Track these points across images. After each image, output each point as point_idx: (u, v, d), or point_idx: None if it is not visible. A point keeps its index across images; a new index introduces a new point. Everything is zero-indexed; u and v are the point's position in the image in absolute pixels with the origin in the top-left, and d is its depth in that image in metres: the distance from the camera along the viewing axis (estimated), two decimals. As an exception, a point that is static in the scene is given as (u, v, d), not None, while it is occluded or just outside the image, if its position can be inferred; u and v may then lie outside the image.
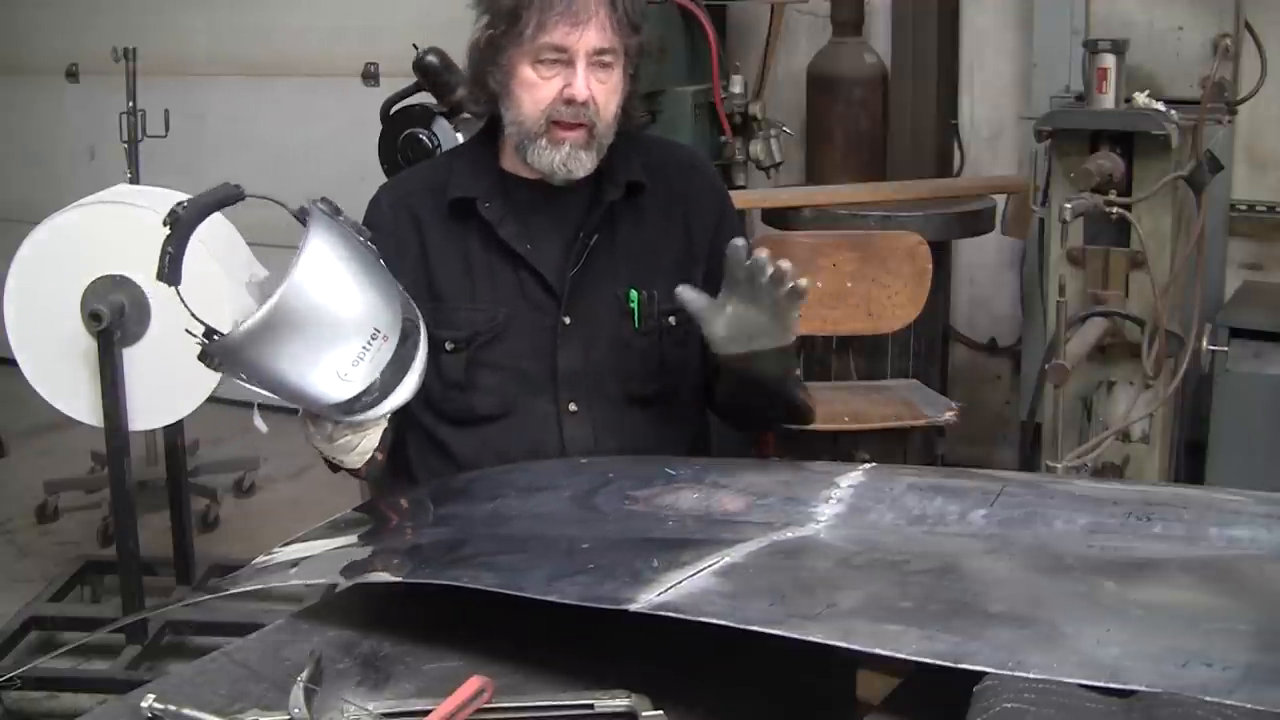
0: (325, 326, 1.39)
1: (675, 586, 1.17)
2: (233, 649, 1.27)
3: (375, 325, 1.44)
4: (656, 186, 1.86)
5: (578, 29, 1.68)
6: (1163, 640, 1.04)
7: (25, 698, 2.96)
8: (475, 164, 1.86)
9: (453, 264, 1.81)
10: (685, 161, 1.94)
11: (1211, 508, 1.35)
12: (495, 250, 1.81)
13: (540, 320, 1.80)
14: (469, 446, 1.81)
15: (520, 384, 1.80)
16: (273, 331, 1.37)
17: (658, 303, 1.82)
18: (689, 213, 1.88)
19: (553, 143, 1.73)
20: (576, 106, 1.71)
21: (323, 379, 1.42)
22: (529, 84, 1.72)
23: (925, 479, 1.48)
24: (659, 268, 1.84)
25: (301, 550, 1.54)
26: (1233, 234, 3.63)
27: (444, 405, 1.81)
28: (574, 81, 1.70)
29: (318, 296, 1.38)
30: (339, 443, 1.59)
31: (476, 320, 1.80)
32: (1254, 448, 3.00)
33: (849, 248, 3.16)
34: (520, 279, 1.80)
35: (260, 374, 1.42)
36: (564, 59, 1.70)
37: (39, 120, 5.50)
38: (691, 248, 1.87)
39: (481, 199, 1.81)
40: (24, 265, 2.73)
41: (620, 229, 1.83)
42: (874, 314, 3.16)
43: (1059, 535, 1.30)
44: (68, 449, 4.40)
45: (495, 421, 1.81)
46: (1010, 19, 3.92)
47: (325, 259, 1.40)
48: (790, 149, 3.98)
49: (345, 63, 4.56)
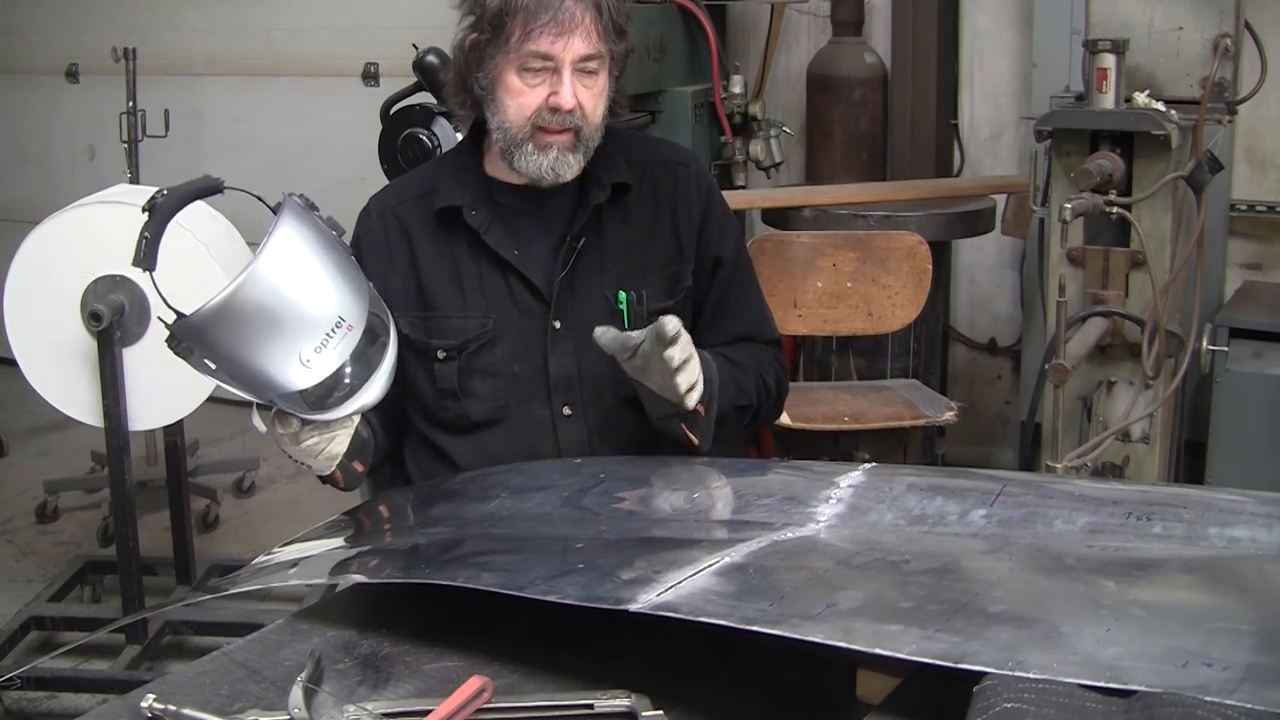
0: (289, 311, 1.39)
1: (675, 587, 1.17)
2: (233, 649, 1.26)
3: (340, 314, 1.43)
4: (642, 186, 1.86)
5: (563, 38, 1.67)
6: (1163, 640, 1.03)
7: (25, 698, 2.96)
8: (460, 171, 1.86)
9: (442, 272, 1.81)
10: (671, 159, 1.93)
11: (1212, 508, 1.34)
12: (483, 257, 1.80)
13: (530, 325, 1.80)
14: (466, 453, 1.81)
15: (513, 389, 1.80)
16: (237, 312, 1.37)
17: (647, 303, 1.82)
18: (676, 211, 1.87)
19: (539, 148, 1.73)
20: (562, 114, 1.70)
21: (285, 363, 1.41)
22: (514, 91, 1.71)
23: (925, 479, 1.48)
24: (647, 268, 1.84)
25: (301, 550, 1.54)
26: (1233, 234, 3.63)
27: (439, 413, 1.82)
28: (560, 90, 1.70)
29: (283, 280, 1.39)
30: (305, 444, 1.55)
31: (468, 328, 1.80)
32: (1254, 448, 3.01)
33: (849, 248, 3.16)
34: (509, 285, 1.80)
35: (224, 357, 1.41)
36: (550, 67, 1.69)
37: (39, 120, 5.50)
38: (680, 246, 1.87)
39: (467, 207, 1.80)
40: (24, 265, 2.73)
41: (607, 231, 1.83)
42: (874, 314, 3.16)
43: (1059, 535, 1.30)
44: (68, 449, 4.41)
45: (490, 427, 1.81)
46: (1010, 19, 3.92)
47: (293, 244, 1.40)
48: (790, 149, 3.99)
49: (345, 63, 4.57)
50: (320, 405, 1.48)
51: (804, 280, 3.15)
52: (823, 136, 3.91)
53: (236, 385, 1.46)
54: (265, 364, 1.41)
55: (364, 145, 3.00)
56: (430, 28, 2.97)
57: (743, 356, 1.85)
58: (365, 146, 2.97)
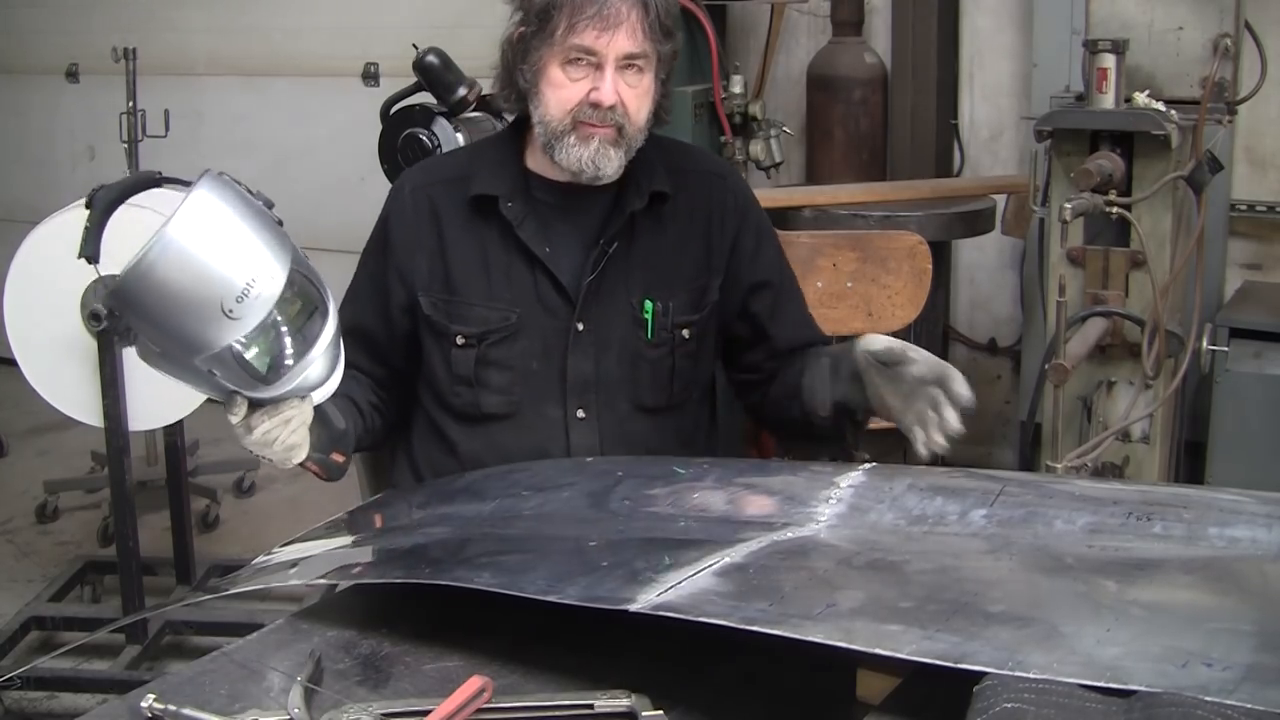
0: (211, 264, 1.35)
1: (675, 587, 1.17)
2: (233, 649, 1.26)
3: (263, 264, 1.38)
4: (679, 194, 1.84)
5: (608, 33, 1.67)
6: (1163, 640, 1.03)
7: (25, 698, 2.96)
8: (499, 161, 1.84)
9: (470, 259, 1.80)
10: (711, 170, 1.92)
11: (1212, 508, 1.34)
12: (514, 250, 1.80)
13: (553, 324, 1.79)
14: (474, 445, 1.80)
15: (528, 386, 1.80)
16: (157, 270, 1.34)
17: (672, 315, 1.82)
18: (709, 222, 1.86)
19: (581, 139, 1.71)
20: (603, 110, 1.69)
21: (210, 316, 1.36)
22: (556, 84, 1.71)
23: (925, 479, 1.47)
24: (676, 279, 1.83)
25: (301, 550, 1.54)
26: (1233, 234, 3.63)
27: (451, 399, 1.81)
28: (601, 85, 1.69)
29: (202, 235, 1.35)
30: (257, 432, 1.47)
31: (490, 318, 1.79)
32: (1254, 448, 3.00)
33: (849, 248, 3.16)
34: (536, 281, 1.79)
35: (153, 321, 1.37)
36: (593, 61, 1.69)
37: (39, 120, 5.51)
38: (710, 259, 1.86)
39: (504, 198, 1.79)
40: (24, 265, 2.73)
41: (640, 238, 1.82)
42: (874, 314, 3.16)
43: (1059, 535, 1.30)
44: (68, 449, 4.41)
45: (501, 421, 1.80)
46: (1010, 19, 3.92)
47: (212, 203, 1.37)
48: (790, 149, 3.98)
49: (345, 63, 4.57)
50: (265, 384, 1.42)
51: (804, 280, 3.10)
52: (823, 136, 3.91)
53: (175, 361, 1.41)
54: (192, 318, 1.36)
55: (364, 145, 3.00)
56: (430, 28, 2.98)
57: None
58: (365, 146, 2.97)
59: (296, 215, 1.51)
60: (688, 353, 1.84)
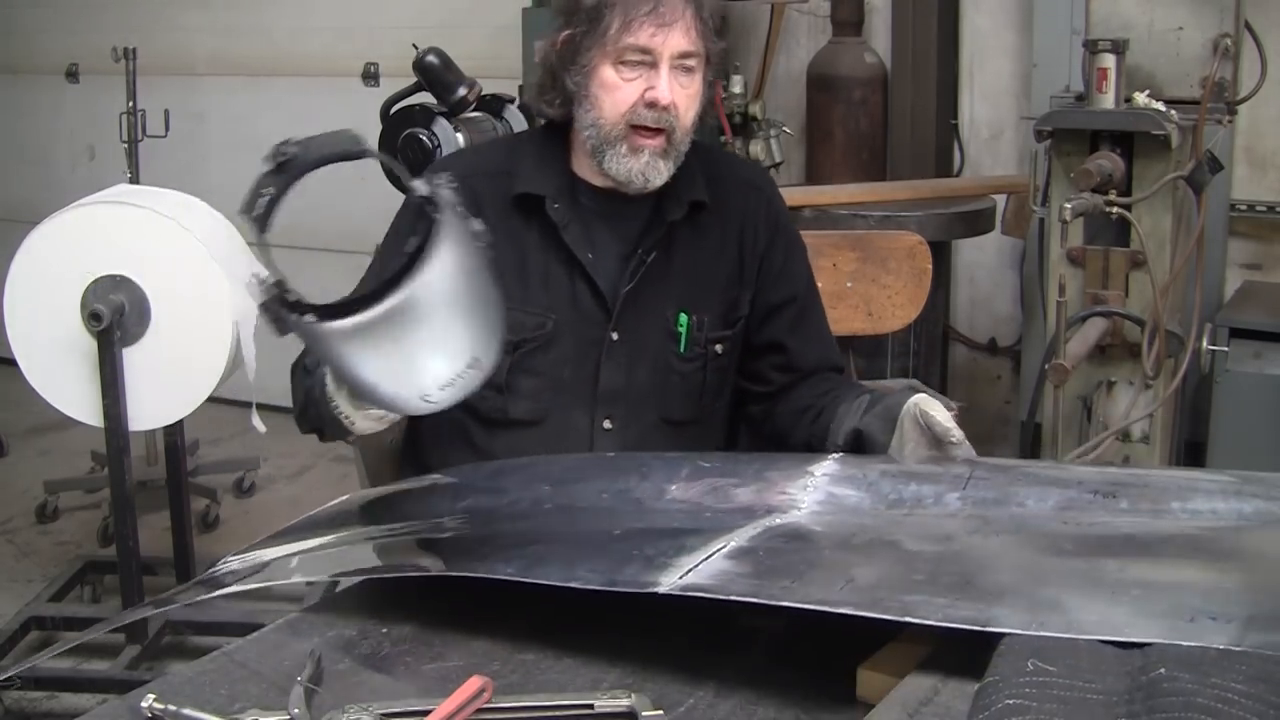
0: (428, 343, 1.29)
1: (694, 569, 1.17)
2: (233, 649, 1.26)
3: (475, 353, 1.32)
4: (716, 203, 1.82)
5: (663, 30, 1.64)
6: (1166, 600, 1.08)
7: (25, 698, 2.96)
8: (543, 160, 1.79)
9: (507, 259, 1.72)
10: (746, 179, 1.90)
11: (1169, 485, 1.40)
12: (554, 253, 1.76)
13: (588, 332, 1.76)
14: (497, 448, 1.76)
15: (558, 394, 1.76)
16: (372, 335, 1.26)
17: (706, 330, 1.80)
18: (743, 232, 1.84)
19: (632, 150, 1.68)
20: (658, 111, 1.66)
21: (405, 395, 1.31)
22: (610, 85, 1.67)
23: (896, 465, 1.51)
24: (710, 292, 1.81)
25: (300, 547, 1.53)
26: (1233, 234, 3.63)
27: (477, 403, 1.71)
28: (657, 84, 1.66)
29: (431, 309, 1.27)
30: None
31: (526, 324, 1.74)
32: (1254, 448, 3.00)
33: (849, 248, 3.15)
34: (575, 287, 1.76)
35: (337, 364, 1.31)
36: (647, 61, 1.66)
37: (39, 120, 5.51)
38: (742, 271, 1.84)
39: (550, 199, 1.75)
40: (24, 265, 2.73)
41: (677, 249, 1.79)
42: (874, 314, 3.15)
43: (1033, 514, 1.33)
44: (68, 449, 4.41)
45: (528, 427, 1.76)
46: (1010, 19, 3.92)
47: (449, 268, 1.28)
48: (790, 149, 3.98)
49: (345, 63, 4.57)
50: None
51: (804, 280, 3.14)
52: (823, 136, 3.91)
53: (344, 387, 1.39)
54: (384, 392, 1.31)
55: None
56: (430, 28, 2.98)
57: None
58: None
59: (297, 215, 1.50)
60: (719, 367, 1.82)
